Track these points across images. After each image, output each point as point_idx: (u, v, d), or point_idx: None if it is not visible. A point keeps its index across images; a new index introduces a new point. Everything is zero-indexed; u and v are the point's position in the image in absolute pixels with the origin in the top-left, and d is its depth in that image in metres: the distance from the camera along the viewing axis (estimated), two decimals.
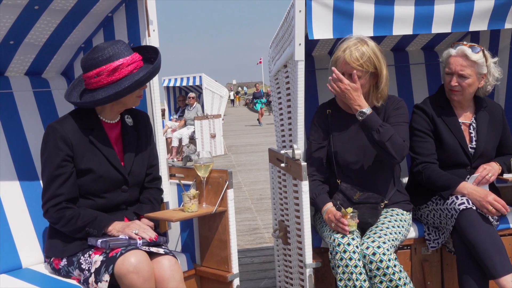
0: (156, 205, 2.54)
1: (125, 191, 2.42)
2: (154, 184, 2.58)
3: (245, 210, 6.29)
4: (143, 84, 2.34)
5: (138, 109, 2.61)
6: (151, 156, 2.57)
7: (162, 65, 2.42)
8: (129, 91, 2.29)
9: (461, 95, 2.78)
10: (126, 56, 2.31)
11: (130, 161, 2.44)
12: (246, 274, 4.04)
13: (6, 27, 2.43)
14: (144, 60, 2.40)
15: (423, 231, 2.78)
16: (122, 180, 2.40)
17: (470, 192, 2.62)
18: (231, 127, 20.85)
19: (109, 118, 2.44)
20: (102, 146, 2.37)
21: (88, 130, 2.36)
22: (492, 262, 2.43)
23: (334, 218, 2.45)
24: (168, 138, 11.33)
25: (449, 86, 2.78)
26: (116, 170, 2.38)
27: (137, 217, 2.44)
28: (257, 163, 10.35)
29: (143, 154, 2.51)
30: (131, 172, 2.43)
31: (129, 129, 2.49)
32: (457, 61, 2.73)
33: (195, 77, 12.31)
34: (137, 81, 2.28)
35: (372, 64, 2.53)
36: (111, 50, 2.29)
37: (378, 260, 2.32)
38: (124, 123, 2.50)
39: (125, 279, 2.11)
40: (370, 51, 2.52)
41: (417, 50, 3.58)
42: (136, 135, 2.51)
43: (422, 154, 2.78)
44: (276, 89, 3.13)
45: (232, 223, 2.51)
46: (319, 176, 2.66)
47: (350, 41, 2.53)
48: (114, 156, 2.39)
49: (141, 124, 2.55)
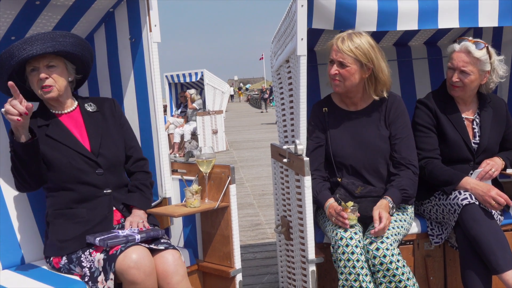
0: (145, 191, 2.55)
1: (100, 174, 2.42)
2: (139, 167, 2.60)
3: (247, 206, 6.29)
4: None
5: (104, 97, 2.69)
6: (127, 138, 2.59)
7: (163, 62, 2.42)
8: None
9: (461, 91, 2.77)
10: None
11: (97, 144, 2.46)
12: (248, 269, 4.04)
13: (8, 22, 2.43)
14: None
15: (426, 226, 2.77)
16: (92, 163, 2.41)
17: (473, 187, 2.61)
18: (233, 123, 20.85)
19: (60, 109, 2.48)
20: (61, 136, 2.40)
21: (44, 126, 2.40)
22: (495, 257, 2.43)
23: (334, 212, 2.45)
24: (170, 134, 11.34)
25: (451, 81, 2.77)
26: (81, 154, 2.40)
27: (125, 208, 2.46)
28: (259, 158, 10.35)
29: (113, 136, 2.52)
30: (101, 154, 2.44)
31: (91, 115, 2.52)
32: (460, 57, 2.72)
33: (197, 73, 12.30)
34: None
35: (364, 54, 2.50)
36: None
37: (382, 255, 2.32)
38: (84, 110, 2.52)
39: (126, 274, 2.12)
40: (364, 42, 2.51)
41: (419, 44, 3.56)
42: (100, 118, 2.53)
43: (425, 149, 2.77)
44: (278, 84, 3.12)
45: (234, 219, 2.51)
46: (319, 174, 2.65)
47: (346, 32, 2.54)
48: (75, 143, 2.41)
49: (106, 108, 2.58)
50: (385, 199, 2.50)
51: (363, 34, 2.53)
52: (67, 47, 2.34)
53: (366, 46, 2.50)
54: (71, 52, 2.36)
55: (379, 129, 2.65)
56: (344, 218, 2.41)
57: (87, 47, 2.46)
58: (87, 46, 2.46)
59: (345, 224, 2.41)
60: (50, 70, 2.36)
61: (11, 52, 2.25)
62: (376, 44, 2.55)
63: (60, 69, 2.39)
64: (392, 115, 2.65)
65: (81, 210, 2.36)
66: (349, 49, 2.49)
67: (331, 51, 2.57)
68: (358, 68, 2.53)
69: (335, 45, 2.54)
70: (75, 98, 2.56)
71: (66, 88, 2.45)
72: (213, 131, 11.66)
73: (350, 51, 2.49)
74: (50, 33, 2.31)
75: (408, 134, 2.67)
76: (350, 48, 2.49)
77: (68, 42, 2.34)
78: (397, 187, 2.54)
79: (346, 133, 2.66)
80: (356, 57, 2.49)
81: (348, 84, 2.57)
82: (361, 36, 2.51)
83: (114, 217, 2.44)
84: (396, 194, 2.52)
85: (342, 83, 2.57)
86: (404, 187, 2.55)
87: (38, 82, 2.35)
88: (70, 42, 2.35)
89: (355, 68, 2.53)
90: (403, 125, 2.66)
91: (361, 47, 2.49)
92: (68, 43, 2.34)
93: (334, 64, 2.56)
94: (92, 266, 2.22)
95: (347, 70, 2.53)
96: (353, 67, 2.52)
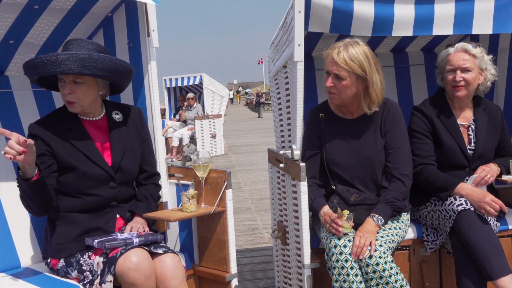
0: (151, 202, 2.53)
1: (113, 187, 2.41)
2: (151, 180, 2.58)
3: (245, 210, 6.29)
4: (33, 68, 2.27)
5: (130, 104, 2.62)
6: (146, 152, 2.56)
7: (162, 65, 2.43)
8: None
9: (465, 90, 2.77)
10: None
11: (118, 157, 2.43)
12: (245, 274, 4.05)
13: (6, 26, 2.44)
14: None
15: (421, 232, 2.78)
16: (108, 176, 2.39)
17: (468, 193, 2.62)
18: (232, 127, 20.84)
19: (89, 116, 2.45)
20: (81, 145, 2.37)
21: (66, 130, 2.38)
22: (490, 264, 2.43)
23: (329, 219, 2.45)
24: (169, 138, 11.34)
25: (453, 82, 2.77)
26: (99, 167, 2.37)
27: (131, 215, 2.45)
28: (257, 163, 10.36)
29: (134, 149, 2.50)
30: (120, 168, 2.42)
31: (117, 125, 2.48)
32: (459, 56, 2.74)
33: (196, 77, 12.32)
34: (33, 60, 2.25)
35: (359, 66, 2.48)
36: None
37: (375, 263, 2.32)
38: (111, 119, 2.49)
39: (126, 277, 2.12)
40: (360, 53, 2.48)
41: (417, 51, 3.58)
42: (125, 130, 2.49)
43: (420, 155, 2.78)
44: (276, 89, 3.13)
45: (230, 224, 2.51)
46: (314, 181, 2.65)
47: (342, 41, 2.53)
48: (95, 154, 2.38)
49: (131, 118, 2.54)
50: (373, 217, 2.49)
51: (360, 43, 2.51)
52: (95, 71, 2.26)
53: (362, 58, 2.48)
54: (100, 74, 2.29)
55: (375, 138, 2.64)
56: (338, 225, 2.41)
57: (123, 70, 2.37)
58: (123, 70, 2.37)
59: (338, 231, 2.41)
60: (76, 86, 2.32)
61: (42, 63, 2.22)
62: (373, 55, 2.53)
63: (87, 86, 2.34)
64: (387, 124, 2.64)
65: (84, 216, 2.37)
66: (344, 62, 2.47)
67: (328, 62, 2.56)
68: (354, 81, 2.51)
69: (331, 57, 2.52)
70: (104, 105, 2.52)
71: (93, 101, 2.42)
72: (212, 135, 11.67)
73: (345, 64, 2.47)
74: (83, 55, 2.24)
75: (403, 144, 2.64)
76: (345, 60, 2.47)
77: (99, 67, 2.26)
78: (384, 201, 2.54)
79: (341, 141, 2.66)
80: (351, 69, 2.48)
81: (344, 97, 2.56)
82: (357, 46, 2.49)
83: (116, 225, 2.44)
84: (384, 209, 2.52)
85: (338, 96, 2.57)
86: (391, 199, 2.54)
87: (63, 94, 2.36)
88: (102, 67, 2.26)
89: (350, 81, 2.51)
90: (398, 134, 2.64)
91: (356, 58, 2.47)
92: (98, 68, 2.26)
93: (330, 76, 2.56)
94: (91, 269, 2.22)
95: (342, 85, 2.52)
96: (349, 80, 2.51)
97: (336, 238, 2.41)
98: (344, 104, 2.63)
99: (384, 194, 2.58)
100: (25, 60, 2.71)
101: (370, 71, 2.50)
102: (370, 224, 2.46)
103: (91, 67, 2.24)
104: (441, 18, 2.49)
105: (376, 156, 2.62)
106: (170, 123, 12.19)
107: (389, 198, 2.54)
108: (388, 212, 2.52)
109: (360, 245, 2.35)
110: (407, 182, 2.60)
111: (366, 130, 2.65)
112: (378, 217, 2.48)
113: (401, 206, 2.58)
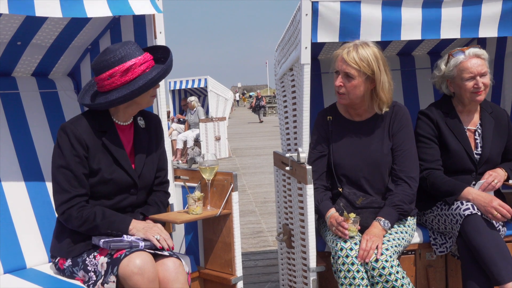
0: (162, 208, 2.53)
1: (133, 194, 2.41)
2: (162, 187, 2.58)
3: (249, 213, 6.29)
4: (157, 83, 2.33)
5: (150, 111, 2.61)
6: (161, 160, 2.56)
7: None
8: (143, 90, 2.28)
9: (484, 93, 2.77)
10: (138, 56, 2.30)
11: (140, 164, 2.43)
12: (249, 277, 4.04)
13: (14, 27, 2.45)
14: (154, 60, 2.40)
15: (428, 236, 2.77)
16: (132, 183, 2.39)
17: (475, 198, 2.61)
18: (236, 130, 20.86)
19: (122, 120, 2.43)
20: (115, 149, 2.35)
21: (100, 132, 2.35)
22: (497, 268, 2.42)
23: (335, 222, 2.45)
24: (173, 140, 11.35)
25: (474, 89, 2.73)
26: (127, 174, 2.37)
27: (143, 218, 2.44)
28: (262, 166, 10.35)
29: (153, 157, 2.50)
30: (141, 175, 2.42)
31: (141, 132, 2.49)
32: (476, 63, 2.72)
33: (200, 80, 12.33)
34: (151, 79, 2.28)
35: (369, 66, 2.49)
36: (123, 51, 2.28)
37: (381, 267, 2.31)
38: (137, 125, 2.49)
39: (129, 280, 2.11)
40: (370, 54, 2.49)
41: (423, 54, 3.57)
42: (147, 138, 2.50)
43: (426, 160, 2.76)
44: (282, 92, 3.13)
45: (236, 226, 2.51)
46: (321, 184, 2.64)
47: (352, 42, 2.53)
48: (125, 160, 2.38)
49: (153, 127, 2.55)
50: (379, 221, 2.49)
51: (370, 45, 2.51)
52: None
53: (371, 58, 2.48)
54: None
55: (383, 141, 2.63)
56: (345, 228, 2.40)
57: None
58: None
59: (344, 234, 2.40)
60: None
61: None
62: (382, 56, 2.53)
63: None
64: (395, 126, 2.64)
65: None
66: (354, 61, 2.48)
67: (337, 61, 2.56)
68: (363, 80, 2.52)
69: (341, 56, 2.53)
70: None
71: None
72: (216, 137, 11.67)
73: (354, 63, 2.48)
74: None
75: (410, 147, 2.64)
76: (354, 59, 2.48)
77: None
78: (390, 205, 2.53)
79: (349, 144, 2.66)
80: (360, 68, 2.48)
81: (353, 97, 2.56)
82: (367, 47, 2.50)
83: None
84: (390, 213, 2.51)
85: (347, 95, 2.57)
86: (398, 203, 2.53)
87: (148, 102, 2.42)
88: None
89: (360, 81, 2.51)
90: (406, 137, 2.64)
91: (366, 58, 2.48)
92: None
93: (339, 75, 2.56)
94: (96, 269, 2.22)
95: (351, 84, 2.52)
96: (358, 79, 2.51)
97: (342, 241, 2.40)
98: (352, 105, 2.63)
99: (390, 197, 2.57)
100: (32, 61, 2.73)
101: (378, 71, 2.50)
102: (377, 227, 2.46)
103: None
104: (448, 21, 2.48)
105: (384, 159, 2.61)
106: (175, 125, 12.22)
107: (395, 201, 2.54)
108: (394, 215, 2.52)
109: (367, 248, 2.35)
110: (413, 185, 2.60)
111: (374, 133, 2.64)
112: (384, 221, 2.47)
113: (407, 209, 2.57)
